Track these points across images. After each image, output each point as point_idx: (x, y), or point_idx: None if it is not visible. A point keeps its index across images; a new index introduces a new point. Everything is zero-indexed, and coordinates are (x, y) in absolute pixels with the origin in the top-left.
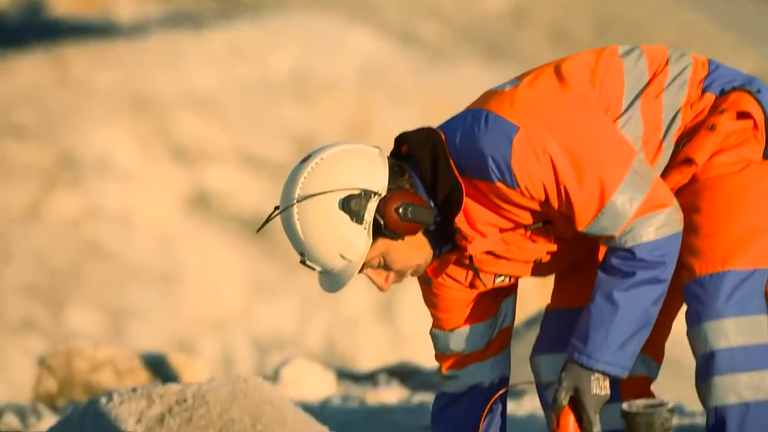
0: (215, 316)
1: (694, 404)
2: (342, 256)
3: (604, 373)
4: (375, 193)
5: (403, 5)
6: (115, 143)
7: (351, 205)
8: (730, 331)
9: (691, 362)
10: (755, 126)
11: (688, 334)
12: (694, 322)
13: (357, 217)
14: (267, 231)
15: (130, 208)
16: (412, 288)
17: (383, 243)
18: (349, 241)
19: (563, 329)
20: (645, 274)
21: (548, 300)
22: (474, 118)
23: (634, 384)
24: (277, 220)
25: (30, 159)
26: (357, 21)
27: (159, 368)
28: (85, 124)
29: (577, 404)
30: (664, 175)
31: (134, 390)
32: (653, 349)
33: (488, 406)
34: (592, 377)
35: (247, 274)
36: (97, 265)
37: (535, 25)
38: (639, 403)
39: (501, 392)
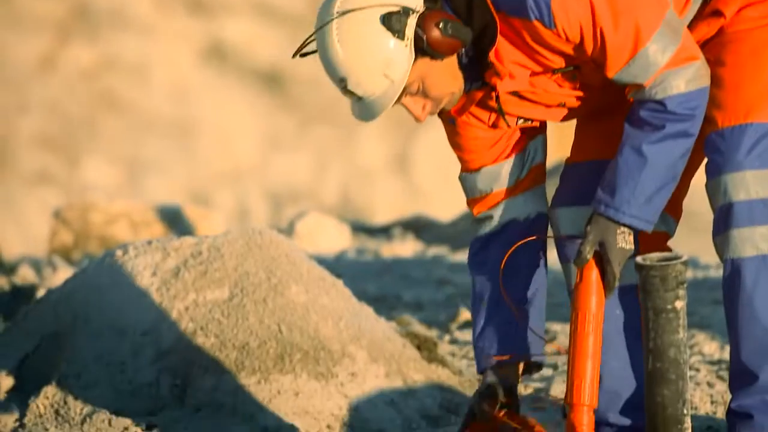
0: (231, 168)
1: (708, 257)
2: (385, 76)
3: (630, 227)
4: (413, 10)
5: None
6: None
7: (392, 21)
8: (750, 184)
9: (707, 214)
10: None
11: (707, 186)
12: (713, 173)
13: (398, 33)
14: (283, 83)
15: (146, 60)
16: (427, 141)
17: (423, 64)
18: (391, 59)
19: (584, 182)
20: (674, 126)
21: (567, 152)
22: None
23: (652, 240)
24: (297, 70)
25: (44, 10)
26: None
27: (174, 221)
28: None
29: (601, 258)
30: (691, 27)
31: (149, 243)
32: (672, 206)
33: (525, 239)
34: (618, 231)
35: (263, 127)
36: (113, 117)
37: None
38: (653, 257)
39: (530, 238)
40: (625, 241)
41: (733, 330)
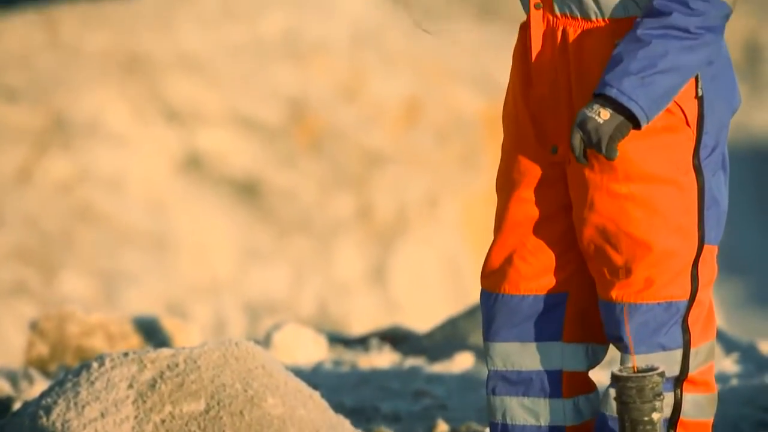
0: (207, 280)
1: None
2: None
3: (610, 100)
4: None
5: None
6: (106, 105)
7: None
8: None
9: None
10: None
11: None
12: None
13: None
14: (260, 195)
15: (122, 171)
16: (403, 253)
17: None
18: None
19: (524, 317)
20: (680, 20)
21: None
22: None
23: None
24: (273, 181)
25: (21, 122)
26: None
27: (151, 333)
28: (76, 86)
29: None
30: None
31: (126, 354)
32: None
33: None
34: (596, 104)
35: (240, 239)
36: (89, 229)
37: None
38: (629, 368)
39: None
40: (596, 112)
41: None
